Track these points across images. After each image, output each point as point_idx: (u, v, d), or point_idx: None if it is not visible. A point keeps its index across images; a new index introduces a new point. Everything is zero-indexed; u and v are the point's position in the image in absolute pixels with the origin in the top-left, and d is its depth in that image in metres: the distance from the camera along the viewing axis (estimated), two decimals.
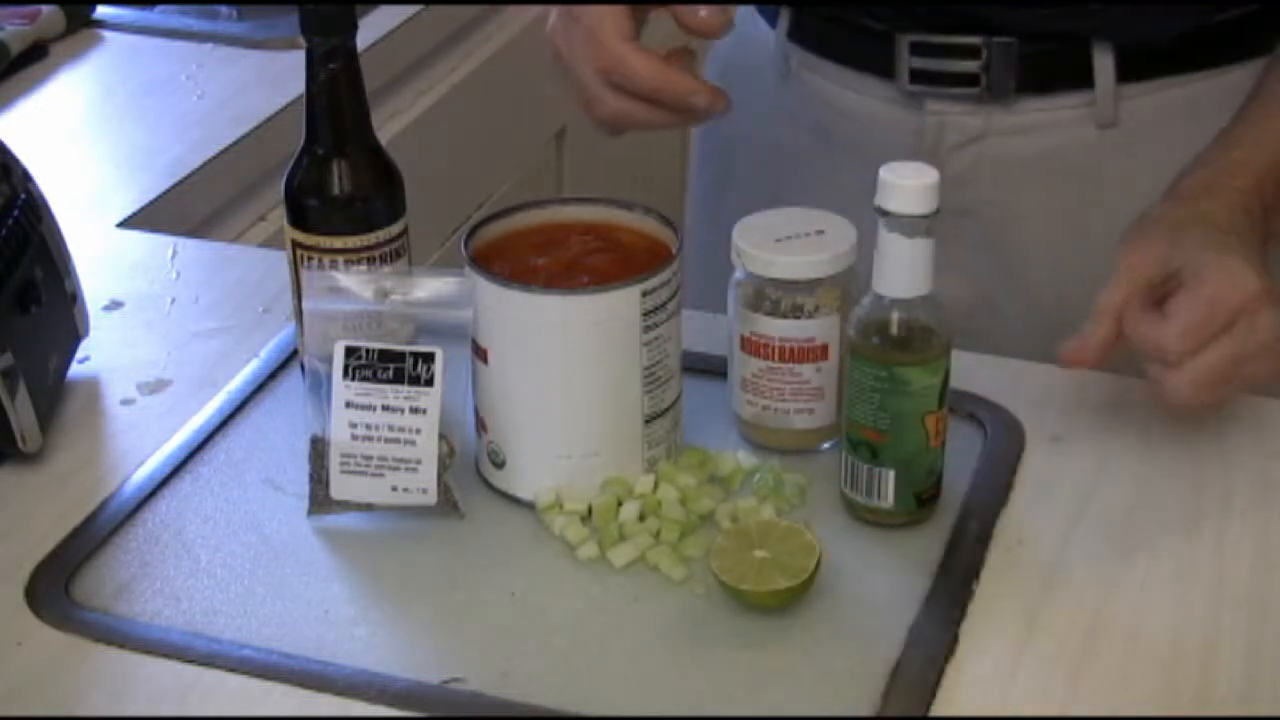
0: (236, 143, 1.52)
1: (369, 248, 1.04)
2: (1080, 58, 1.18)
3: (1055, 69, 1.19)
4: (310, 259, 1.04)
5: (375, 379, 0.97)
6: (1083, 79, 1.19)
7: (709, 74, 1.39)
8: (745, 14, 1.35)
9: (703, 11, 1.05)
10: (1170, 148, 1.15)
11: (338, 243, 1.04)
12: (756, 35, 1.33)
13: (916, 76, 1.21)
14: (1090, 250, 1.22)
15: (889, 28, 1.20)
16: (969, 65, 1.19)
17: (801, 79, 1.28)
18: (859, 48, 1.24)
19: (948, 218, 1.23)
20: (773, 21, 1.30)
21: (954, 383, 1.09)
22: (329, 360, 0.97)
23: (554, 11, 1.11)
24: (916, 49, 1.20)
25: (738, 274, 1.03)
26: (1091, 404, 1.08)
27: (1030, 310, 1.24)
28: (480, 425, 1.01)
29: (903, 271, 0.94)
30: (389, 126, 1.73)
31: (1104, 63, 1.18)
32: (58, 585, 0.95)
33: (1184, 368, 0.98)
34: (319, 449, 0.99)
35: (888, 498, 0.97)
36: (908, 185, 0.93)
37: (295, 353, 1.13)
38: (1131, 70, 1.18)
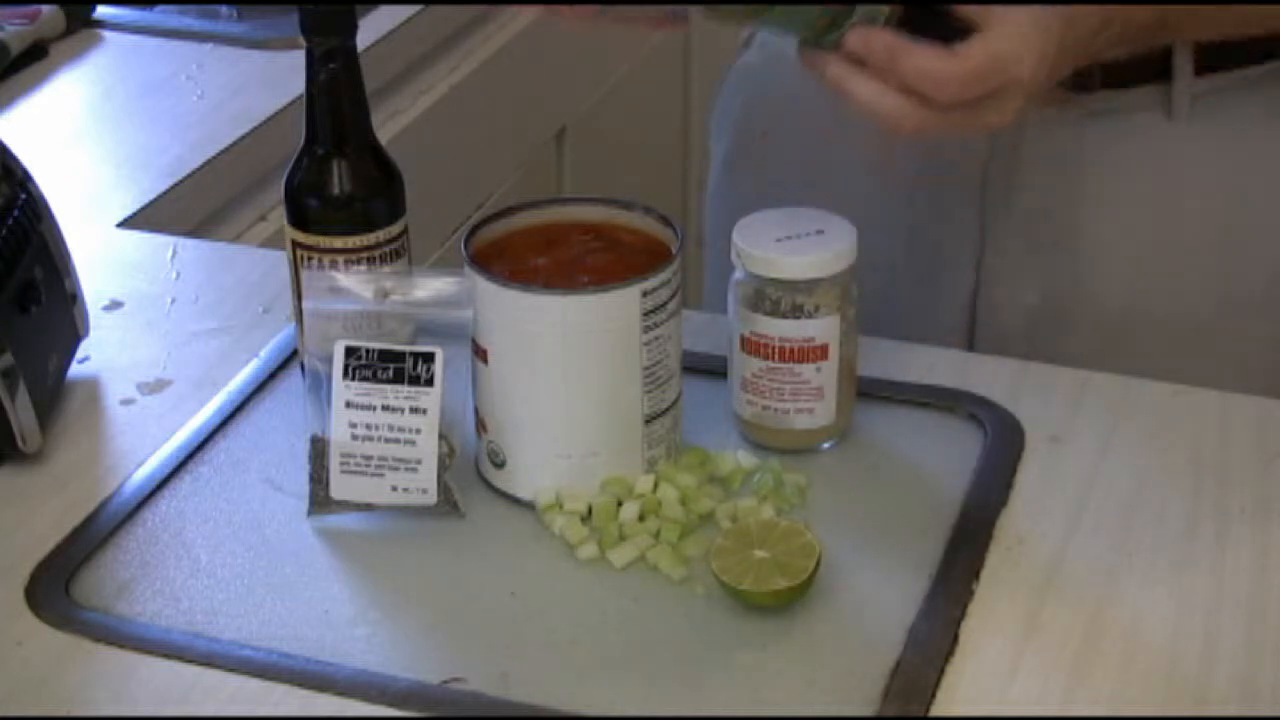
0: (236, 143, 1.52)
1: (369, 248, 1.04)
2: (1159, 50, 1.17)
3: (1135, 62, 1.18)
4: (310, 259, 1.04)
5: (375, 379, 0.97)
6: (1161, 72, 1.18)
7: (733, 95, 1.38)
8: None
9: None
10: (1243, 144, 1.14)
11: (338, 243, 1.04)
12: (790, 50, 1.31)
13: None
14: (1162, 263, 1.21)
15: (967, 26, 1.19)
16: None
17: None
18: None
19: (1020, 218, 1.23)
20: None
21: (954, 383, 1.10)
22: (329, 360, 0.98)
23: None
24: None
25: (738, 274, 1.03)
26: (1091, 404, 1.08)
27: (1097, 321, 1.23)
28: (480, 425, 1.01)
29: None
30: (389, 126, 1.73)
31: (1183, 54, 1.17)
32: (58, 585, 0.95)
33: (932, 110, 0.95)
34: (319, 449, 0.99)
35: None
36: None
37: (295, 353, 1.13)
38: (1209, 62, 1.17)
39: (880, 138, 1.25)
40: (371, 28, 1.73)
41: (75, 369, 1.13)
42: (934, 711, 0.86)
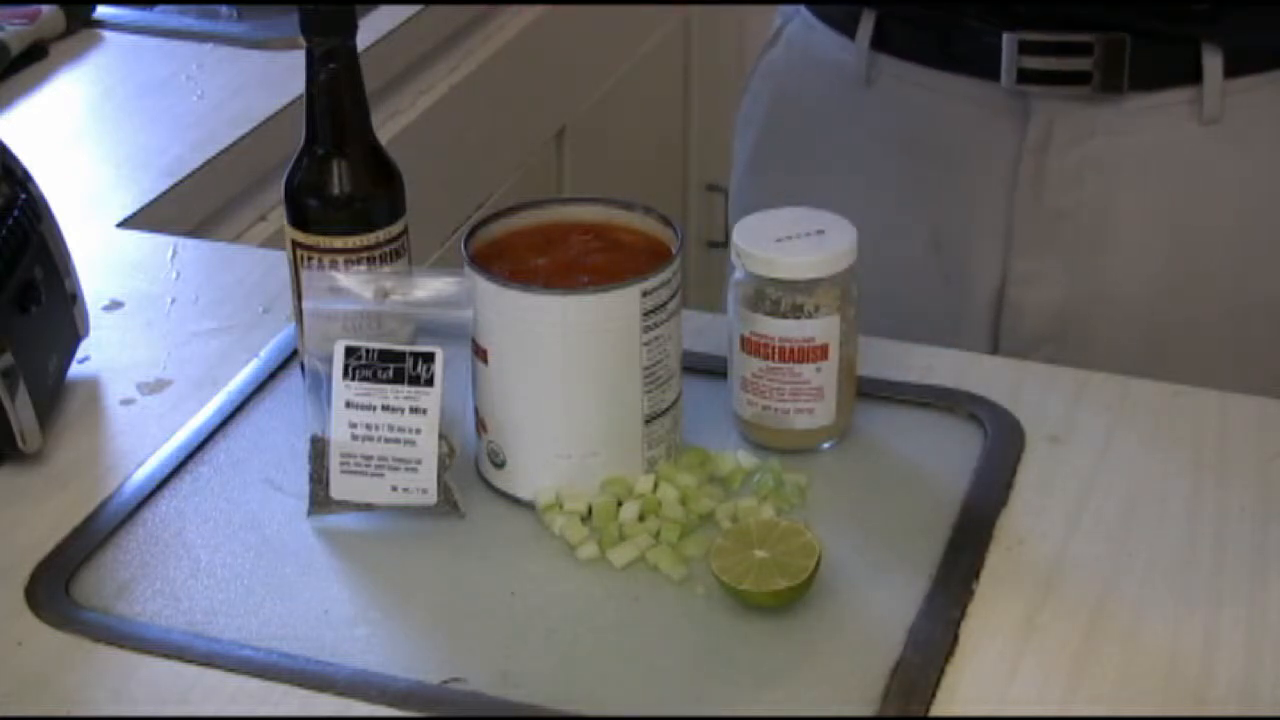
0: (236, 143, 1.52)
1: (369, 248, 1.04)
2: (1189, 53, 1.17)
3: (1164, 65, 1.18)
4: (310, 259, 1.04)
5: (375, 379, 0.97)
6: (1191, 74, 1.18)
7: (759, 91, 1.38)
8: (801, 27, 1.33)
9: None
10: (1273, 146, 1.14)
11: (338, 243, 1.04)
12: (817, 48, 1.31)
13: (1024, 76, 1.19)
14: (1188, 264, 1.21)
15: (995, 27, 1.19)
16: (1081, 63, 1.18)
17: (885, 88, 1.27)
18: (958, 50, 1.22)
19: (1045, 220, 1.23)
20: (846, 32, 1.28)
21: (954, 383, 1.10)
22: (329, 360, 0.98)
23: None
24: (1025, 48, 1.19)
25: (738, 274, 1.03)
26: (1091, 404, 1.08)
27: (1120, 326, 1.23)
28: (480, 425, 1.01)
29: None
30: (389, 126, 1.73)
31: (1212, 58, 1.17)
32: (58, 585, 0.95)
33: None
34: (319, 449, 0.99)
35: None
36: None
37: (295, 353, 1.13)
38: (1239, 65, 1.18)
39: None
40: (371, 28, 1.73)
41: (75, 369, 1.13)
42: (934, 711, 0.86)
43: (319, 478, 0.99)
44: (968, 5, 1.19)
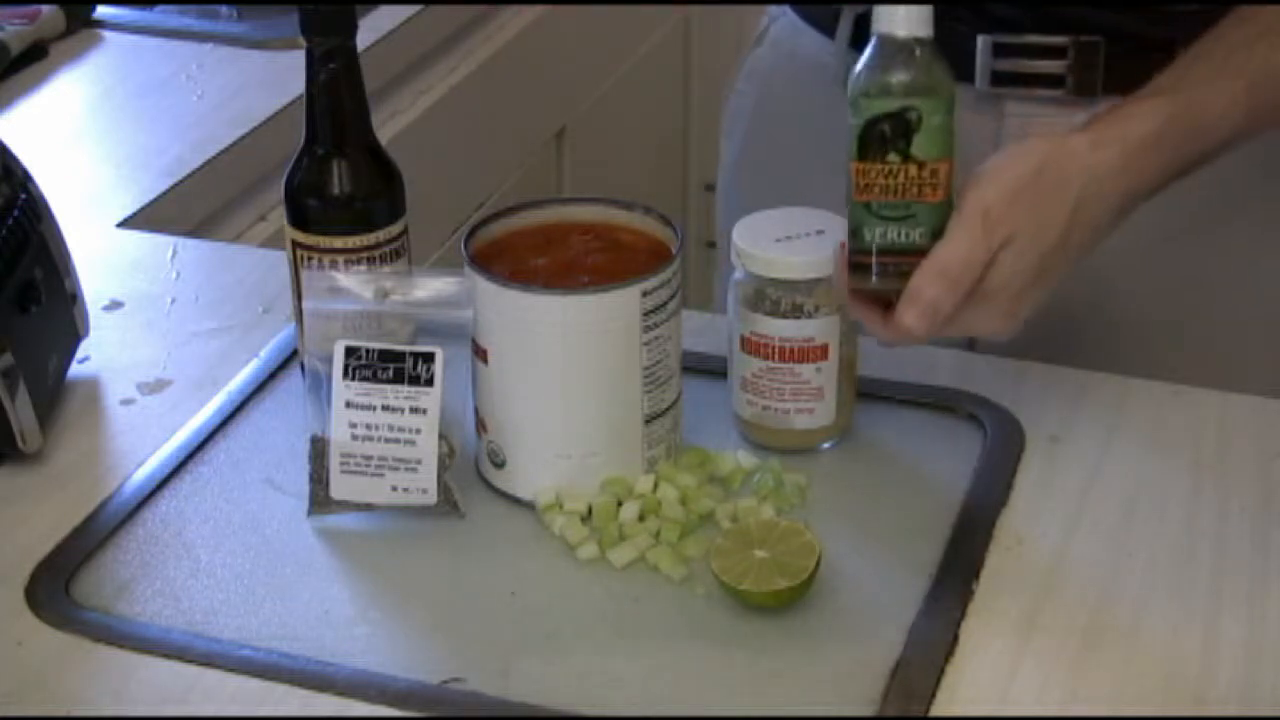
0: (236, 143, 1.52)
1: (369, 248, 1.04)
2: (1164, 57, 1.17)
3: (1139, 68, 1.18)
4: (310, 259, 1.04)
5: (375, 379, 0.97)
6: None
7: (745, 91, 1.38)
8: (786, 28, 1.33)
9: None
10: (1258, 151, 1.14)
11: (338, 243, 1.04)
12: (802, 48, 1.31)
13: (999, 78, 1.19)
14: (1174, 265, 1.21)
15: (969, 29, 1.19)
16: (1055, 65, 1.18)
17: None
18: None
19: None
20: (829, 32, 1.28)
21: (954, 383, 1.10)
22: (329, 360, 0.98)
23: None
24: (1000, 50, 1.18)
25: (738, 274, 1.03)
26: (1091, 404, 1.08)
27: (1110, 329, 1.23)
28: (480, 425, 1.01)
29: None
30: (389, 126, 1.73)
31: None
32: (58, 585, 0.95)
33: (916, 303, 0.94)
34: (319, 449, 0.99)
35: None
36: None
37: (295, 353, 1.13)
38: None
39: None
40: (371, 28, 1.73)
41: (75, 369, 1.13)
42: (934, 711, 0.86)
43: (319, 478, 0.99)
44: (945, 6, 1.19)
